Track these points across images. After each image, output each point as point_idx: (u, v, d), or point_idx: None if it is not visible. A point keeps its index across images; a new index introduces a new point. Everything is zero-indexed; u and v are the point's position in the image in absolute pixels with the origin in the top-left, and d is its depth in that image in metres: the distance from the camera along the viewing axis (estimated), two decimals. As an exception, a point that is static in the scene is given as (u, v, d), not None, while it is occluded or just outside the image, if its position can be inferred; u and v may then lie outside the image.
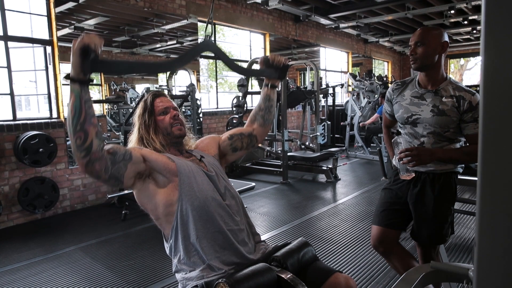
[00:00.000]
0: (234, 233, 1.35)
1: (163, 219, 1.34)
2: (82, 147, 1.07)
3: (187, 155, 1.49)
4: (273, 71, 1.58)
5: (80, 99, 1.04)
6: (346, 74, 9.43)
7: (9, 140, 3.78)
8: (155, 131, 1.44)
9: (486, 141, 0.44)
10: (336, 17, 8.23)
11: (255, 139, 1.64)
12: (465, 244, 3.04)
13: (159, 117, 1.45)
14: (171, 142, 1.46)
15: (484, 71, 0.43)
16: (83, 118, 1.05)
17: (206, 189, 1.36)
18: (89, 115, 1.06)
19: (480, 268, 0.45)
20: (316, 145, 6.54)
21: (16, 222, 3.88)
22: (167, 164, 1.34)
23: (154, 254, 3.01)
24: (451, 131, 1.73)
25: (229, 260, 1.32)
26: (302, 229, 3.55)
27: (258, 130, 1.64)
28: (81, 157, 1.09)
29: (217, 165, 1.50)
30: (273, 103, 1.66)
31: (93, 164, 1.11)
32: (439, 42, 1.70)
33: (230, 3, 6.48)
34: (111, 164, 1.17)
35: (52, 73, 4.24)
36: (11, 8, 3.91)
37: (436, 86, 1.75)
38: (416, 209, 1.83)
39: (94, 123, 1.08)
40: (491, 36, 0.42)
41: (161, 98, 1.49)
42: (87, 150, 1.08)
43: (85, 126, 1.06)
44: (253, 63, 6.46)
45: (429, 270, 0.95)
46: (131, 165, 1.24)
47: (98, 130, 1.10)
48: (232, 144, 1.60)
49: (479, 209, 0.44)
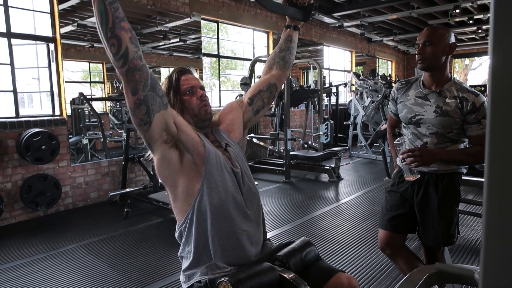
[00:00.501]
0: (247, 236, 1.33)
1: (180, 203, 1.29)
2: (117, 55, 1.01)
3: (213, 138, 1.40)
4: (297, 11, 1.47)
5: (104, 1, 0.97)
6: (350, 73, 9.40)
7: (12, 137, 3.79)
8: (181, 111, 1.34)
9: (494, 142, 0.43)
10: (340, 16, 8.20)
11: (274, 88, 1.53)
12: (469, 245, 3.02)
13: (185, 97, 1.35)
14: (196, 123, 1.35)
15: (492, 71, 0.42)
16: (111, 22, 0.98)
17: (229, 186, 1.30)
18: (117, 19, 0.99)
19: (486, 270, 0.44)
20: (319, 145, 6.52)
21: (18, 219, 3.89)
22: (198, 144, 1.27)
23: (156, 252, 3.01)
24: (454, 132, 1.72)
25: (235, 262, 1.31)
26: (305, 228, 3.54)
27: (278, 75, 1.54)
28: (120, 66, 1.03)
29: (242, 158, 1.42)
30: (295, 45, 1.55)
31: (133, 73, 1.04)
32: (447, 42, 1.68)
33: (233, 1, 6.47)
34: (151, 87, 1.10)
35: (55, 70, 4.24)
36: (15, 5, 3.91)
37: (440, 86, 1.73)
38: (421, 211, 1.81)
39: (126, 28, 1.01)
40: (500, 35, 0.41)
41: (188, 76, 1.38)
42: (124, 57, 1.01)
43: (115, 31, 0.99)
44: (256, 62, 6.45)
45: (433, 271, 0.94)
46: (163, 113, 1.16)
47: (132, 36, 1.02)
48: (253, 108, 1.51)
49: (486, 211, 0.43)
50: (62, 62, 4.25)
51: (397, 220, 1.87)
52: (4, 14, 3.79)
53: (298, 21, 1.53)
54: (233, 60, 9.36)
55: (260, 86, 1.53)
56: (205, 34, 6.61)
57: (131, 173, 4.82)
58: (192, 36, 6.00)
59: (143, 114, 1.12)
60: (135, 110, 1.12)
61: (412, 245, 2.93)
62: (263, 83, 1.53)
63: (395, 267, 2.54)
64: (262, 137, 6.67)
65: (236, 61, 9.36)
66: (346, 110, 8.75)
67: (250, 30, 7.31)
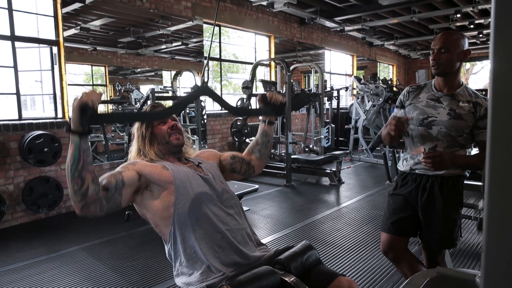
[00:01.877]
0: (233, 233, 1.37)
1: (162, 224, 1.36)
2: (79, 192, 1.12)
3: (185, 161, 1.52)
4: (271, 108, 1.62)
5: (79, 149, 1.10)
6: (351, 77, 9.41)
7: (15, 139, 3.81)
8: (150, 142, 1.47)
9: (494, 146, 0.43)
10: (341, 20, 8.22)
11: (252, 169, 1.68)
12: (470, 249, 3.02)
13: (157, 127, 1.48)
14: (169, 151, 1.49)
15: (493, 76, 0.42)
16: (81, 165, 1.11)
17: (201, 190, 1.38)
18: (86, 163, 1.12)
19: (488, 275, 0.45)
20: (320, 148, 6.52)
21: (20, 221, 3.90)
22: (161, 173, 1.37)
23: (157, 255, 3.01)
24: (464, 136, 1.73)
25: (229, 259, 1.32)
26: (306, 232, 3.53)
27: (255, 162, 1.69)
28: (78, 201, 1.14)
29: (215, 170, 1.54)
30: (270, 138, 1.70)
31: (88, 207, 1.16)
32: (462, 49, 1.70)
33: (235, 5, 6.50)
34: (106, 202, 1.21)
35: (58, 73, 4.26)
36: (19, 9, 3.94)
37: (453, 90, 1.75)
38: (425, 214, 1.82)
39: (91, 170, 1.14)
40: (501, 40, 0.42)
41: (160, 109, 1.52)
42: (83, 194, 1.13)
43: (82, 173, 1.12)
44: (257, 65, 6.46)
45: (434, 275, 0.94)
46: (125, 189, 1.29)
47: (95, 176, 1.15)
48: (232, 164, 1.65)
49: (486, 215, 0.43)
50: (65, 65, 4.27)
51: (400, 223, 1.87)
52: (8, 18, 3.81)
53: (272, 117, 1.69)
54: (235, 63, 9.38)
55: (243, 156, 1.70)
56: (207, 38, 6.63)
57: (132, 175, 4.82)
58: (194, 40, 6.02)
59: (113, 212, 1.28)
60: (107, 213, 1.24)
61: (413, 249, 2.93)
62: (246, 158, 1.69)
63: (396, 271, 2.54)
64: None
65: (237, 64, 9.37)
66: (347, 114, 8.75)
67: (252, 34, 7.33)
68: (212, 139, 6.19)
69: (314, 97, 6.53)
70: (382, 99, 7.02)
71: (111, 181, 1.25)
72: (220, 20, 6.32)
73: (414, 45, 11.90)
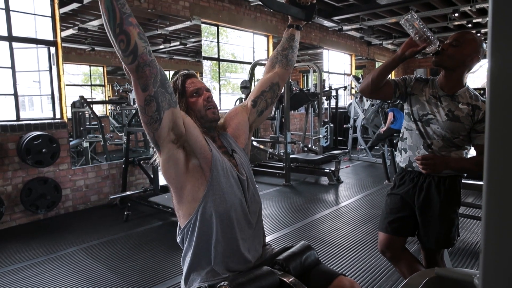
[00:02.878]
0: (245, 242, 1.33)
1: (184, 206, 1.28)
2: (127, 51, 1.00)
3: (220, 143, 1.39)
4: (300, 10, 1.48)
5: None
6: (349, 76, 9.42)
7: (13, 140, 3.80)
8: (187, 113, 1.32)
9: (492, 146, 0.43)
10: (339, 20, 8.22)
11: (277, 87, 1.53)
12: (469, 249, 3.02)
13: (191, 99, 1.35)
14: (203, 126, 1.34)
15: (491, 74, 0.42)
16: (119, 18, 0.99)
17: (235, 193, 1.30)
18: (125, 14, 1.00)
19: (486, 275, 0.44)
20: (319, 148, 6.53)
21: (18, 222, 3.89)
22: (205, 148, 1.26)
23: (156, 255, 3.00)
24: (460, 138, 1.72)
25: (235, 267, 1.31)
26: (305, 232, 3.53)
27: (280, 73, 1.53)
28: (130, 62, 1.02)
29: (247, 165, 1.42)
30: (297, 43, 1.56)
31: (143, 69, 1.04)
32: (472, 54, 1.65)
33: (233, 5, 6.49)
34: (160, 83, 1.09)
35: (55, 74, 4.25)
36: (16, 9, 3.93)
37: (454, 91, 1.73)
38: (422, 213, 1.82)
39: (134, 23, 1.01)
40: (498, 39, 0.41)
41: (193, 79, 1.39)
42: (134, 53, 1.01)
43: (124, 27, 0.99)
44: (256, 65, 6.46)
45: (433, 276, 0.94)
46: (173, 111, 1.15)
47: (140, 31, 1.02)
48: (257, 110, 1.51)
49: (485, 214, 0.43)
50: (63, 65, 4.26)
51: (398, 223, 1.87)
52: (6, 18, 3.80)
53: (300, 20, 1.54)
54: (233, 63, 9.38)
55: (262, 86, 1.52)
56: (205, 38, 6.63)
57: (131, 176, 4.82)
58: (193, 40, 6.02)
59: (153, 111, 1.11)
60: (146, 108, 1.10)
61: (411, 248, 2.93)
62: (265, 83, 1.52)
63: (395, 270, 2.54)
64: (262, 140, 6.67)
65: (236, 64, 9.37)
66: (346, 113, 8.76)
67: (250, 33, 7.33)
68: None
69: (312, 96, 6.53)
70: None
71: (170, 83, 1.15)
72: (218, 20, 6.31)
73: (413, 44, 11.89)
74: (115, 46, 1.01)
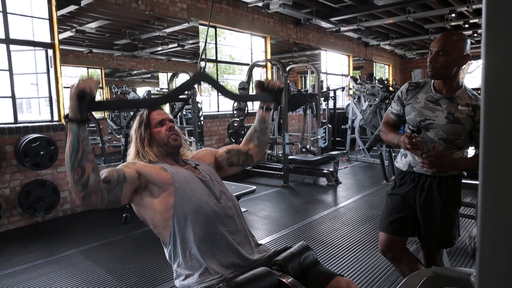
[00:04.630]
0: (232, 234, 1.37)
1: (161, 226, 1.37)
2: (79, 182, 1.12)
3: (183, 164, 1.53)
4: (268, 94, 1.61)
5: (78, 137, 1.10)
6: (347, 77, 9.44)
7: (10, 143, 3.79)
8: (149, 143, 1.48)
9: (487, 145, 0.43)
10: (337, 21, 8.24)
11: (251, 158, 1.68)
12: (467, 248, 3.03)
13: (155, 129, 1.49)
14: (167, 152, 1.49)
15: (485, 74, 0.43)
16: (80, 155, 1.11)
17: (200, 193, 1.38)
18: (85, 152, 1.11)
19: (482, 273, 0.45)
20: (317, 149, 6.53)
21: (16, 225, 3.87)
22: (161, 174, 1.37)
23: (155, 257, 3.00)
24: (461, 139, 1.72)
25: (228, 261, 1.32)
26: (303, 232, 3.54)
27: (254, 150, 1.68)
28: (79, 191, 1.13)
29: (211, 171, 1.54)
30: (268, 125, 1.69)
31: (90, 197, 1.15)
32: (461, 54, 1.65)
33: (231, 6, 6.50)
34: (107, 193, 1.21)
35: (53, 76, 4.25)
36: (13, 12, 3.92)
37: (452, 93, 1.73)
38: (424, 213, 1.81)
39: (91, 159, 1.13)
40: (492, 38, 0.42)
41: (157, 111, 1.53)
42: (84, 184, 1.12)
43: (82, 163, 1.11)
44: (253, 67, 6.47)
45: (430, 275, 0.94)
46: (126, 186, 1.29)
47: (95, 166, 1.15)
48: (229, 158, 1.65)
49: (480, 213, 0.43)
50: (60, 67, 4.25)
51: (399, 223, 1.86)
52: (3, 21, 3.80)
53: (269, 103, 1.67)
54: (231, 65, 9.39)
55: (239, 147, 1.69)
56: (202, 40, 6.62)
57: (129, 178, 4.81)
58: (190, 41, 6.02)
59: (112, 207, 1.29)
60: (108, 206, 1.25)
61: (410, 248, 2.93)
62: (242, 148, 1.68)
63: (394, 270, 2.55)
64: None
65: (234, 66, 9.38)
66: (344, 114, 8.77)
67: (248, 35, 7.34)
68: (209, 141, 6.18)
69: (310, 97, 6.55)
70: (379, 99, 7.04)
71: (113, 175, 1.25)
72: (216, 22, 6.32)
73: (410, 44, 11.94)
74: (68, 174, 1.13)
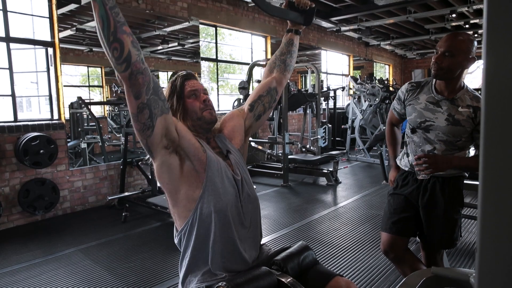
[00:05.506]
0: (242, 242, 1.33)
1: (180, 209, 1.29)
2: (120, 59, 1.01)
3: (214, 144, 1.40)
4: (298, 15, 1.46)
5: (104, 6, 0.97)
6: (347, 77, 9.43)
7: (10, 141, 3.79)
8: (183, 116, 1.34)
9: (488, 146, 0.43)
10: (337, 20, 8.24)
11: (275, 92, 1.52)
12: (467, 248, 3.03)
13: (188, 100, 1.35)
14: (200, 127, 1.36)
15: (486, 75, 0.43)
16: (113, 26, 0.98)
17: (230, 193, 1.31)
18: (119, 23, 0.99)
19: (481, 274, 0.44)
20: (317, 148, 6.53)
21: (16, 223, 3.88)
22: (198, 151, 1.27)
23: (155, 256, 3.00)
24: (462, 140, 1.72)
25: (233, 267, 1.30)
26: (303, 232, 3.54)
27: (278, 78, 1.54)
28: (123, 70, 1.02)
29: (242, 165, 1.42)
30: (296, 48, 1.57)
31: (136, 77, 1.04)
32: (467, 57, 1.64)
33: (231, 5, 6.50)
34: (153, 90, 1.10)
35: (53, 75, 4.24)
36: (14, 10, 3.92)
37: (453, 94, 1.71)
38: (427, 214, 1.81)
39: (127, 32, 1.01)
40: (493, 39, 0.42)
41: (191, 81, 1.39)
42: (127, 61, 1.01)
43: (117, 35, 0.99)
44: (254, 66, 6.47)
45: (430, 275, 0.94)
46: (165, 117, 1.16)
47: (134, 39, 1.02)
48: (255, 114, 1.50)
49: (480, 214, 0.43)
50: (60, 66, 4.25)
51: (401, 223, 1.86)
52: (3, 19, 3.80)
53: (299, 25, 1.54)
54: (232, 64, 9.38)
55: (260, 91, 1.52)
56: (203, 39, 6.63)
57: (129, 177, 4.81)
58: (191, 41, 6.02)
59: (146, 118, 1.12)
60: (138, 115, 1.11)
61: (410, 248, 2.93)
62: (263, 87, 1.53)
63: (394, 270, 2.55)
64: (260, 141, 6.68)
65: (234, 65, 9.38)
66: (344, 114, 8.77)
67: (248, 34, 7.33)
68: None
69: (310, 97, 6.54)
70: (379, 99, 7.04)
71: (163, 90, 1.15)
72: (216, 21, 6.32)
73: (410, 45, 11.93)
74: (108, 54, 1.02)
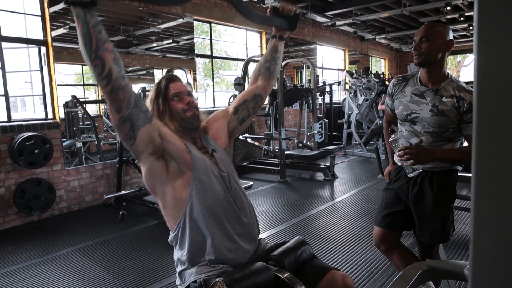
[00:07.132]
0: (239, 235, 1.36)
1: (170, 211, 1.34)
2: (102, 75, 1.03)
3: (200, 144, 1.43)
4: (283, 21, 1.48)
5: (87, 24, 0.98)
6: (343, 71, 9.43)
7: (4, 141, 3.76)
8: (170, 117, 1.38)
9: (480, 138, 0.43)
10: (332, 15, 8.22)
11: (260, 98, 1.56)
12: (463, 241, 3.05)
13: (172, 102, 1.39)
14: (185, 128, 1.40)
15: (477, 67, 0.42)
16: (95, 44, 1.00)
17: (217, 189, 1.34)
18: (100, 41, 1.01)
19: (475, 265, 0.45)
20: (314, 143, 6.53)
21: (12, 224, 3.86)
22: (183, 152, 1.31)
23: (152, 254, 3.00)
24: (450, 131, 1.71)
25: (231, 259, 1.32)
26: (300, 227, 3.54)
27: (263, 85, 1.57)
28: (104, 86, 1.05)
29: (228, 163, 1.45)
30: (280, 55, 1.59)
31: (116, 93, 1.07)
32: (444, 39, 1.67)
33: (226, 1, 6.46)
34: (134, 104, 1.13)
35: (47, 74, 4.21)
36: (5, 8, 3.88)
37: (437, 84, 1.72)
38: (416, 208, 1.82)
39: (109, 49, 1.03)
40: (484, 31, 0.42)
41: (175, 83, 1.42)
42: (108, 77, 1.04)
43: (99, 53, 1.01)
44: (249, 62, 6.45)
45: (425, 268, 0.95)
46: (148, 127, 1.20)
47: (115, 56, 1.04)
48: (238, 117, 1.54)
49: (474, 207, 0.43)
50: (54, 65, 4.22)
51: (392, 217, 1.88)
52: (-6, 18, 3.76)
53: (284, 31, 1.55)
54: (227, 60, 9.36)
55: (245, 96, 1.57)
56: (198, 35, 6.59)
57: (126, 175, 4.80)
58: (185, 37, 5.99)
59: (127, 129, 1.17)
60: (120, 126, 1.17)
61: (407, 241, 2.95)
62: (248, 93, 1.57)
63: (391, 264, 2.56)
64: (256, 137, 6.67)
65: (229, 61, 9.35)
66: (340, 109, 8.78)
67: (243, 30, 7.30)
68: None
69: (306, 92, 6.54)
70: (375, 93, 7.04)
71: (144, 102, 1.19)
72: (211, 17, 6.29)
73: (406, 38, 11.93)
74: (91, 69, 1.04)
